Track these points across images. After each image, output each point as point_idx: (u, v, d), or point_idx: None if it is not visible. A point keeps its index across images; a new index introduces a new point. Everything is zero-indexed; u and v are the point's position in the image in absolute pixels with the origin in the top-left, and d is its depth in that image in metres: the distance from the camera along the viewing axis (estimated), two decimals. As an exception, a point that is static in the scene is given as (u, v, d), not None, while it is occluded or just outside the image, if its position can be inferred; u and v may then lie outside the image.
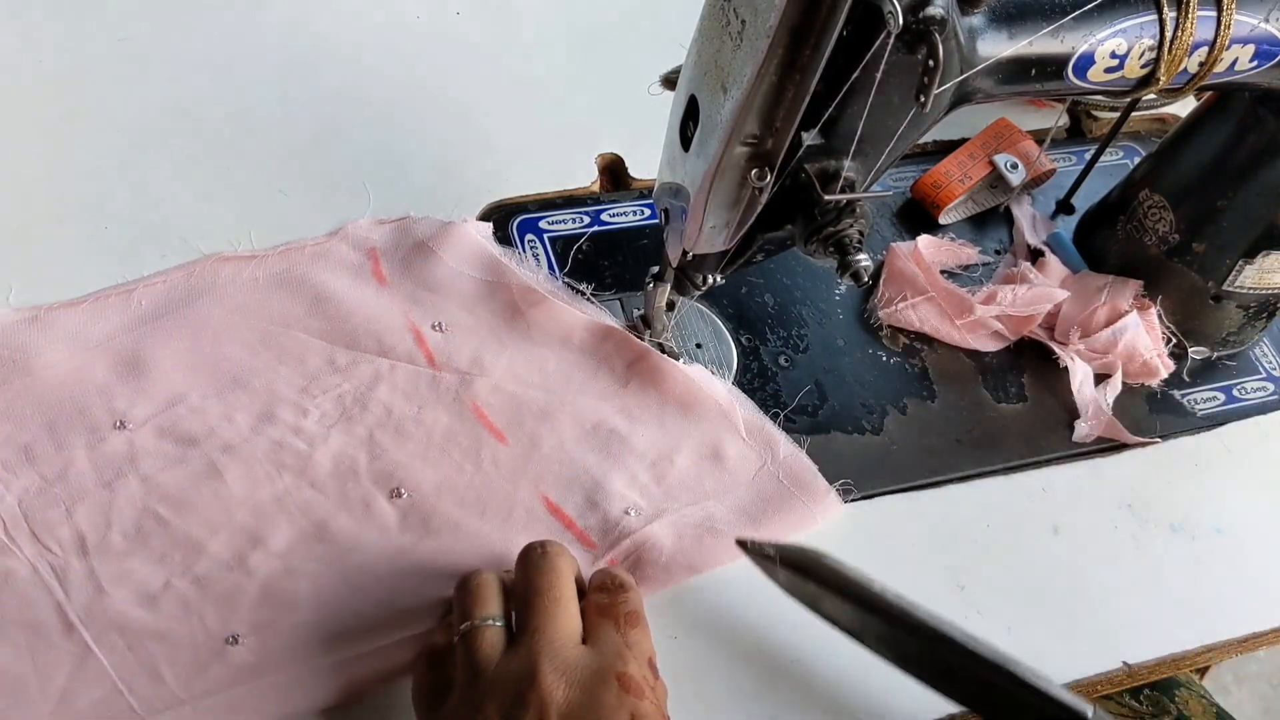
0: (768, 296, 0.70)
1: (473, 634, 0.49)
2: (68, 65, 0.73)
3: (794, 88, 0.46)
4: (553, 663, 0.47)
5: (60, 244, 0.65)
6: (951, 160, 0.76)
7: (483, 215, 0.71)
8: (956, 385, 0.69)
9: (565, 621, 0.49)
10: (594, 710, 0.45)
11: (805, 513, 0.61)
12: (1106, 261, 0.73)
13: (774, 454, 0.63)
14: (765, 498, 0.62)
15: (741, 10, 0.45)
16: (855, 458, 0.65)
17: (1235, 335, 0.72)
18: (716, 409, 0.64)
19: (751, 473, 0.62)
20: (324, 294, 0.63)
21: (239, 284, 0.63)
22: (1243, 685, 1.43)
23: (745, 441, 0.63)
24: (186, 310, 0.62)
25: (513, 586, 0.51)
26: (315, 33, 0.78)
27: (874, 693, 0.57)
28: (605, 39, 0.82)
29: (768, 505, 0.61)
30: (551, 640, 0.48)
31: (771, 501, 0.62)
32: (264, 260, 0.64)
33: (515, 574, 0.51)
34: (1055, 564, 0.63)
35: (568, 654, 0.47)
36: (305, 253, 0.65)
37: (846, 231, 0.51)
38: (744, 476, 0.62)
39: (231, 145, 0.71)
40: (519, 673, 0.46)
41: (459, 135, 0.75)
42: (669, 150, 0.55)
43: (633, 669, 0.47)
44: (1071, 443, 0.68)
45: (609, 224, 0.72)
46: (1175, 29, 0.53)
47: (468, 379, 0.62)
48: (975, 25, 0.50)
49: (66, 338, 0.60)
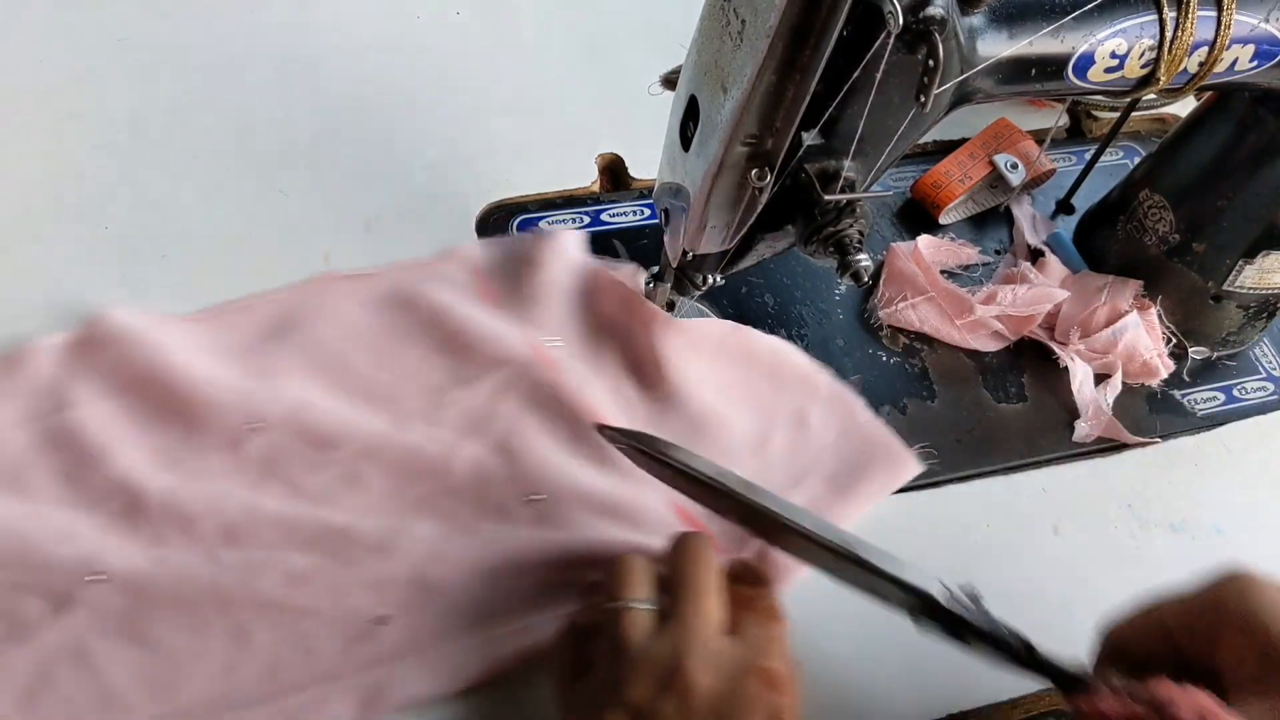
0: (768, 296, 0.70)
1: (620, 614, 0.49)
2: (68, 65, 0.73)
3: (794, 88, 0.46)
4: (699, 651, 0.47)
5: (60, 244, 0.65)
6: (951, 160, 0.76)
7: (483, 215, 0.71)
8: (956, 385, 0.69)
9: (712, 611, 0.49)
10: (736, 701, 0.45)
11: (888, 476, 0.63)
12: (1106, 261, 0.73)
13: (854, 418, 0.65)
14: (851, 465, 0.63)
15: (741, 10, 0.45)
16: (855, 458, 0.65)
17: (1235, 335, 0.72)
18: (798, 374, 0.65)
19: (834, 437, 0.64)
20: (439, 312, 0.63)
21: (354, 302, 0.64)
22: (1243, 685, 1.43)
23: (826, 405, 0.65)
24: (306, 327, 0.63)
25: (662, 573, 0.52)
26: (315, 33, 0.78)
27: (876, 693, 0.57)
28: (605, 39, 0.82)
29: (854, 472, 0.63)
30: (698, 629, 0.48)
31: (856, 468, 0.63)
32: (375, 279, 0.65)
33: (665, 561, 0.52)
34: (1055, 564, 0.63)
35: (714, 643, 0.47)
36: (415, 272, 0.66)
37: (846, 231, 0.51)
38: (827, 441, 0.64)
39: (231, 145, 0.71)
40: (664, 657, 0.47)
41: (459, 135, 0.75)
42: (669, 150, 0.55)
43: (776, 664, 0.47)
44: (1071, 443, 0.68)
45: (609, 224, 0.72)
46: (1175, 29, 0.53)
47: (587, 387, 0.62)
48: (975, 25, 0.50)
49: (194, 347, 0.61)
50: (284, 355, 0.62)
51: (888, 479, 0.63)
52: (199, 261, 0.65)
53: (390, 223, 0.69)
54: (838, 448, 0.64)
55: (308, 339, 0.63)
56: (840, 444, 0.64)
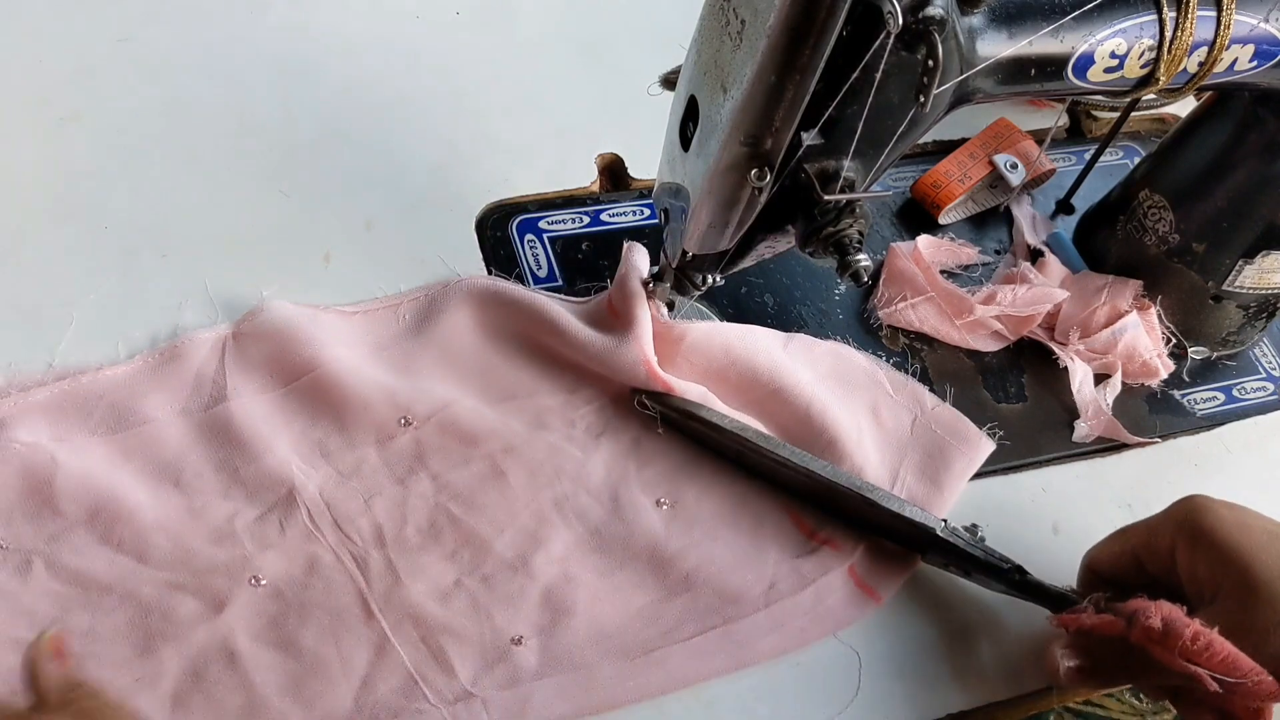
0: (768, 296, 0.70)
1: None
2: (68, 65, 0.73)
3: (794, 88, 0.46)
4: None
5: (60, 244, 0.65)
6: (951, 160, 0.76)
7: (483, 215, 0.71)
8: (956, 385, 0.69)
9: None
10: None
11: (967, 458, 0.64)
12: (1106, 261, 0.73)
13: (922, 407, 0.66)
14: (931, 452, 0.64)
15: (741, 10, 0.45)
16: (855, 458, 0.65)
17: (1235, 335, 0.72)
18: (862, 371, 0.66)
19: (908, 427, 0.65)
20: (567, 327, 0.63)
21: (493, 306, 0.65)
22: (1243, 685, 1.43)
23: (894, 398, 0.66)
24: (446, 324, 0.64)
25: None
26: (315, 32, 0.78)
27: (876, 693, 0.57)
28: (605, 39, 0.82)
29: (936, 459, 0.64)
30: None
31: (937, 455, 0.64)
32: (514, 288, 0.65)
33: None
34: (1055, 564, 0.63)
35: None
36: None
37: (846, 231, 0.51)
38: (904, 433, 0.65)
39: (231, 145, 0.71)
40: None
41: (459, 135, 0.75)
42: (669, 150, 0.55)
43: None
44: (1071, 443, 0.68)
45: (609, 224, 0.72)
46: (1175, 29, 0.53)
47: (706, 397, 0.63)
48: (975, 25, 0.50)
49: (344, 342, 0.62)
50: (428, 353, 0.63)
51: (968, 462, 0.64)
52: (199, 261, 0.65)
53: (391, 223, 0.69)
54: (917, 438, 0.65)
55: (448, 337, 0.63)
56: (918, 433, 0.65)
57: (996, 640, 0.60)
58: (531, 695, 0.54)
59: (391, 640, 0.54)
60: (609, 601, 0.57)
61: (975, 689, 0.58)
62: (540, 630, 0.56)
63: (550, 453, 0.61)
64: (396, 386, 0.61)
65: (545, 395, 0.63)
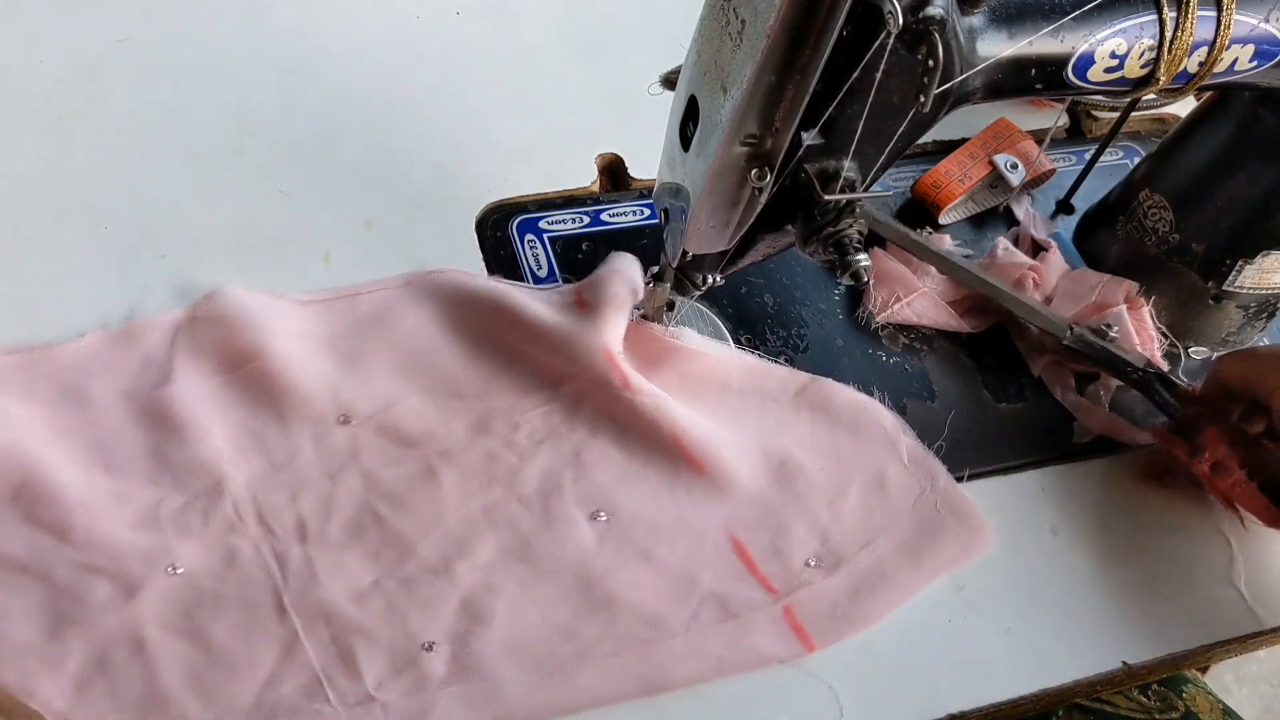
0: (767, 296, 0.70)
1: None
2: (68, 65, 0.73)
3: (794, 88, 0.46)
4: None
5: (60, 244, 0.65)
6: (951, 160, 0.76)
7: (483, 215, 0.71)
8: (956, 385, 0.69)
9: None
10: None
11: (963, 546, 0.62)
12: (1106, 262, 0.73)
13: (934, 483, 0.63)
14: (925, 530, 0.62)
15: (741, 10, 0.45)
16: (855, 458, 0.65)
17: (1235, 335, 0.72)
18: (882, 432, 0.64)
19: (911, 501, 0.63)
20: (530, 316, 0.63)
21: (455, 300, 0.64)
22: (1243, 685, 1.43)
23: (906, 468, 0.64)
24: (404, 319, 0.63)
25: None
26: (315, 33, 0.78)
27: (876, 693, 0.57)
28: (605, 39, 0.82)
29: (927, 538, 0.61)
30: None
31: (930, 534, 0.62)
32: (478, 280, 0.65)
33: None
34: (1055, 564, 0.63)
35: None
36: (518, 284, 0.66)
37: (846, 231, 0.51)
38: (905, 505, 0.63)
39: (231, 145, 0.71)
40: None
41: (459, 135, 0.75)
42: (669, 150, 0.55)
43: None
44: (1071, 443, 0.68)
45: (609, 224, 0.72)
46: (1175, 29, 0.53)
47: (663, 405, 0.62)
48: (975, 25, 0.51)
49: (295, 333, 0.62)
50: (378, 347, 0.62)
51: (962, 551, 0.62)
52: (199, 261, 0.65)
53: (391, 222, 0.69)
54: (916, 512, 0.62)
55: (404, 331, 0.63)
56: (919, 509, 0.62)
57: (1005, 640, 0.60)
58: (435, 703, 0.53)
59: (301, 638, 0.53)
60: (528, 613, 0.56)
61: (975, 689, 0.58)
62: (453, 638, 0.55)
63: (486, 459, 0.60)
64: (340, 382, 0.60)
65: (495, 396, 0.62)
